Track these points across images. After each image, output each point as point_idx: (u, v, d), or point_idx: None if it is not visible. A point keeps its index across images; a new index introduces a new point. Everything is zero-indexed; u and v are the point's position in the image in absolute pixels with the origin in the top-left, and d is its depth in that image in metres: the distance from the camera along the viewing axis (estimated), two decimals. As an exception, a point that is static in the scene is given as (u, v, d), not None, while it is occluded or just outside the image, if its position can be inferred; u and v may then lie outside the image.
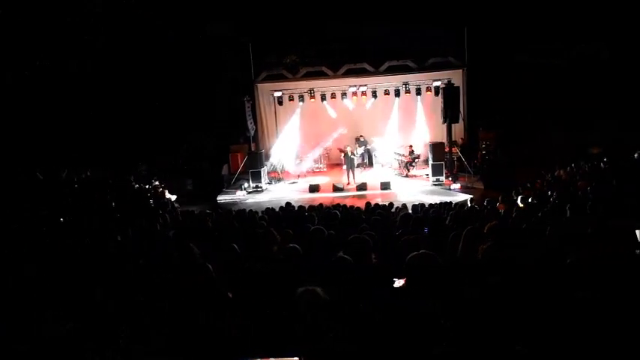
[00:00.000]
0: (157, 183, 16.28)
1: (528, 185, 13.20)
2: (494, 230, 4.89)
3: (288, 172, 20.16)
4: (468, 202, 12.61)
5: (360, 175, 19.37)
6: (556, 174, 13.92)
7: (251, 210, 11.55)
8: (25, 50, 16.64)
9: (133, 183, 15.45)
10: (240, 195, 17.92)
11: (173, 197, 15.92)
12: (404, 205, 12.07)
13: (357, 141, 21.03)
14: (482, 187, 16.75)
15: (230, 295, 3.45)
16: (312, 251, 4.90)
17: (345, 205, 11.53)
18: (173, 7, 19.02)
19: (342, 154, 18.90)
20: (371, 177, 19.40)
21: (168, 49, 19.72)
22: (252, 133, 20.11)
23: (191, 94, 20.05)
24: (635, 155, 12.72)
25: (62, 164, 15.60)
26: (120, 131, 19.24)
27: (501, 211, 8.47)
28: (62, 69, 17.66)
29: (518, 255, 3.73)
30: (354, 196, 16.66)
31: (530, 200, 9.51)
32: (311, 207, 11.60)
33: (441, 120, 19.00)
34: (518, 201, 9.64)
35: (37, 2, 16.09)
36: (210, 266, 3.56)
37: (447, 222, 8.42)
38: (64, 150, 17.16)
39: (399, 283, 3.36)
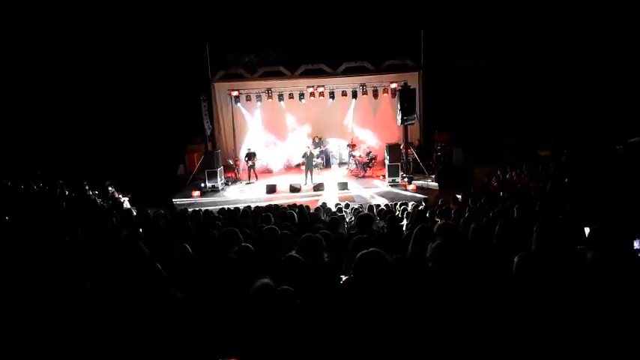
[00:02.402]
0: (110, 188, 15.86)
1: (481, 186, 13.57)
2: (444, 229, 5.00)
3: (246, 172, 20.06)
4: (423, 203, 12.87)
5: (318, 176, 19.46)
6: (508, 176, 14.37)
7: (207, 210, 11.45)
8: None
9: (87, 188, 14.98)
10: (195, 195, 17.72)
11: (126, 198, 15.56)
12: (360, 206, 12.25)
13: (314, 142, 21.16)
14: (438, 187, 17.13)
15: (180, 296, 3.43)
16: (264, 251, 4.88)
17: (301, 206, 11.54)
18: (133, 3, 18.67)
19: (302, 155, 18.92)
20: (328, 177, 19.55)
21: (123, 46, 19.30)
22: (209, 132, 19.93)
23: (144, 93, 19.60)
24: (618, 147, 13.01)
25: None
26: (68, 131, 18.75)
27: (453, 211, 8.62)
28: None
29: (465, 253, 3.82)
30: (311, 197, 16.68)
31: (482, 201, 9.73)
32: (267, 207, 11.60)
33: (397, 121, 19.30)
34: (470, 202, 9.89)
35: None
36: (159, 266, 3.51)
37: (402, 222, 8.60)
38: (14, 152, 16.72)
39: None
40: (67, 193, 13.47)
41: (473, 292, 3.15)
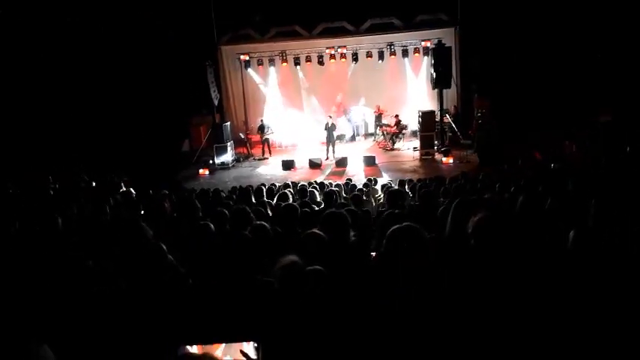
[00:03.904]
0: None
1: (528, 158, 13.40)
2: (487, 203, 4.94)
3: (259, 147, 20.19)
4: (461, 177, 12.73)
5: (341, 149, 19.46)
6: (561, 146, 14.14)
7: (216, 189, 11.50)
8: None
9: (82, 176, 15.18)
10: (203, 174, 17.88)
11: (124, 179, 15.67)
12: (389, 182, 12.19)
13: (337, 111, 21.07)
14: (478, 160, 16.96)
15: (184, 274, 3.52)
16: (283, 231, 4.97)
17: (322, 183, 11.56)
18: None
19: (324, 127, 18.98)
20: (352, 151, 19.50)
21: (121, 7, 19.33)
22: (217, 102, 19.94)
23: (143, 60, 19.63)
24: None
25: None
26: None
27: (497, 185, 8.54)
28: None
29: (512, 228, 3.76)
30: (333, 174, 16.73)
31: (530, 173, 9.65)
32: (284, 185, 11.65)
33: (430, 85, 19.08)
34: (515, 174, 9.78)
35: None
36: (164, 247, 3.57)
37: (438, 198, 8.49)
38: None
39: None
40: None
41: (522, 272, 3.10)
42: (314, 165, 17.66)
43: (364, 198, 8.70)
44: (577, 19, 18.01)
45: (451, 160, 17.28)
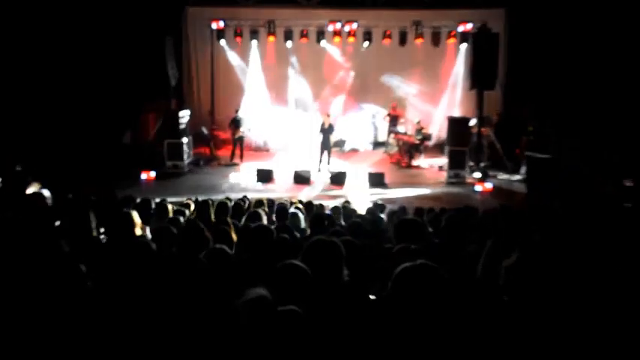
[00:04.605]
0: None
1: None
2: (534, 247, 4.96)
3: (228, 148, 20.25)
4: (500, 212, 12.72)
5: (339, 161, 19.48)
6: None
7: (163, 200, 11.45)
8: None
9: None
10: (146, 178, 17.79)
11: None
12: (402, 208, 12.15)
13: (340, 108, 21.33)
14: (525, 190, 16.92)
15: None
16: (249, 258, 5.04)
17: (309, 203, 11.71)
18: None
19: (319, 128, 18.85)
20: (355, 165, 19.51)
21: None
22: (174, 82, 20.01)
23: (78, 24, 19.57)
24: None
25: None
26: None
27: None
28: None
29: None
30: (325, 193, 16.63)
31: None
32: (258, 202, 11.61)
33: (467, 84, 19.12)
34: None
35: None
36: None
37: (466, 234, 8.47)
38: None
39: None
40: None
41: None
42: (301, 179, 17.52)
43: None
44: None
45: (489, 187, 17.28)
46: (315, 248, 4.26)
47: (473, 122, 18.60)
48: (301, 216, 9.03)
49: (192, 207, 10.84)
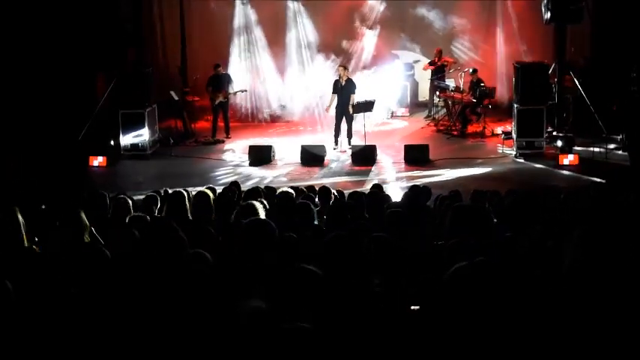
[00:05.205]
0: None
1: None
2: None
3: (208, 118, 20.55)
4: (591, 192, 12.39)
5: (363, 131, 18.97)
6: None
7: (123, 195, 11.30)
8: None
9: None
10: (96, 164, 17.75)
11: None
12: (455, 192, 11.96)
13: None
14: (628, 162, 16.57)
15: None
16: (245, 260, 5.23)
17: (326, 189, 11.67)
18: None
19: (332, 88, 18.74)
20: (385, 136, 19.49)
21: None
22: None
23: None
24: None
25: None
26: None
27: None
28: None
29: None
30: (346, 175, 16.77)
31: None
32: (252, 190, 11.62)
33: (542, 18, 18.63)
34: None
35: None
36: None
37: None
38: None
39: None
40: None
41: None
42: (311, 158, 17.49)
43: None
44: None
45: (575, 160, 16.78)
46: (332, 249, 4.58)
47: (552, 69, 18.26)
48: (313, 209, 8.70)
49: (161, 201, 11.03)
